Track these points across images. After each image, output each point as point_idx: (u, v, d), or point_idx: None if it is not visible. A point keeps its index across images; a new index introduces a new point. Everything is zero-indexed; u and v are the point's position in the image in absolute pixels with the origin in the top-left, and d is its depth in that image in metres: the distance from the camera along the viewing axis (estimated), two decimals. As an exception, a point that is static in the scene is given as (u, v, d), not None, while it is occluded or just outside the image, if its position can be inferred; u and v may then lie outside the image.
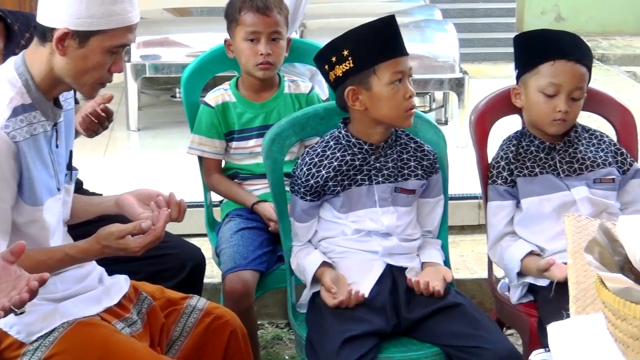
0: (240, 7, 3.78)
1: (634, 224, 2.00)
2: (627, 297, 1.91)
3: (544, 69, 3.43)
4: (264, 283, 3.72)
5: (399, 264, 3.37)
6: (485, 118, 3.67)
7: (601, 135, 3.60)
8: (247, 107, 3.88)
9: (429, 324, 3.25)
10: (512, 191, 3.47)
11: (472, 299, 3.84)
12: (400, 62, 3.27)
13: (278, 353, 4.42)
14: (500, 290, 3.61)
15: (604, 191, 3.49)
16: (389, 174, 3.36)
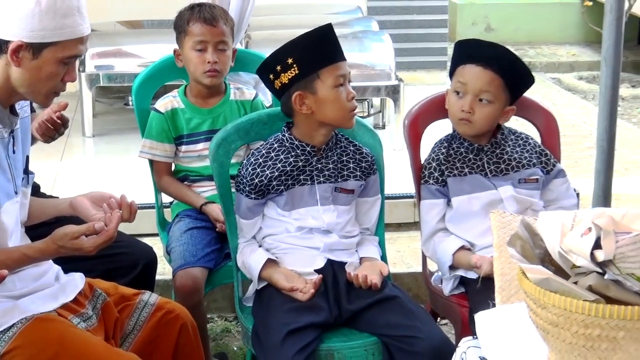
0: (188, 18, 3.80)
1: (553, 219, 2.03)
2: (547, 287, 1.93)
3: (457, 70, 3.48)
4: (213, 279, 3.72)
5: (339, 259, 3.38)
6: (418, 122, 3.69)
7: (526, 137, 3.63)
8: (195, 113, 3.89)
9: (368, 315, 3.27)
10: (443, 190, 3.49)
11: (408, 292, 3.87)
12: (341, 67, 3.30)
13: (227, 344, 4.41)
14: (434, 283, 3.63)
15: (528, 190, 3.52)
16: (329, 175, 3.38)
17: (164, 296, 3.26)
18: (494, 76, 3.42)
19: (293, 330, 3.10)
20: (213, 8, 3.85)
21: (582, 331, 1.91)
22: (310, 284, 3.25)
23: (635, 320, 1.88)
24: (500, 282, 2.37)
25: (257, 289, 3.36)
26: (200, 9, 3.82)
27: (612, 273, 1.90)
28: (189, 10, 3.84)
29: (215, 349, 4.21)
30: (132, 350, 3.02)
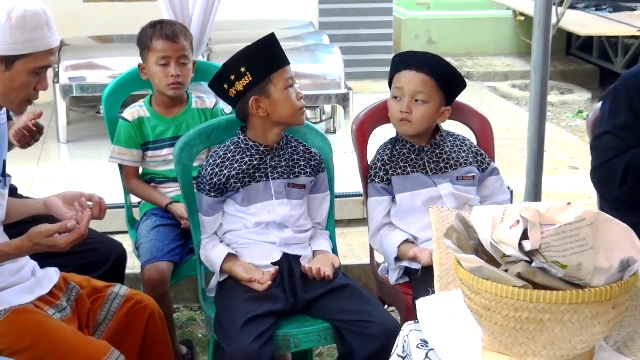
0: (151, 35, 3.80)
1: (485, 213, 2.05)
2: (480, 274, 1.95)
3: (394, 78, 3.51)
4: (178, 272, 3.72)
5: (294, 253, 3.38)
6: (365, 127, 3.70)
7: (463, 139, 3.65)
8: (160, 121, 3.88)
9: (322, 303, 3.28)
10: (388, 188, 3.50)
11: (358, 282, 3.87)
12: (288, 70, 3.33)
13: (192, 332, 4.41)
14: (381, 273, 3.64)
15: (465, 187, 3.53)
16: (282, 171, 3.38)
17: (133, 288, 3.25)
18: (426, 78, 3.45)
19: (252, 318, 3.10)
20: (174, 25, 3.86)
21: (512, 314, 1.94)
22: (267, 275, 3.26)
23: (559, 304, 1.90)
24: (439, 271, 2.38)
25: (219, 281, 3.35)
26: (162, 26, 3.82)
27: (539, 261, 1.93)
28: (151, 28, 3.84)
29: (182, 336, 4.21)
30: (104, 338, 3.01)
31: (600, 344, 2.12)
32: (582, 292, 1.90)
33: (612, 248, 1.94)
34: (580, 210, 1.95)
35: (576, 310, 1.91)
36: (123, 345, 3.00)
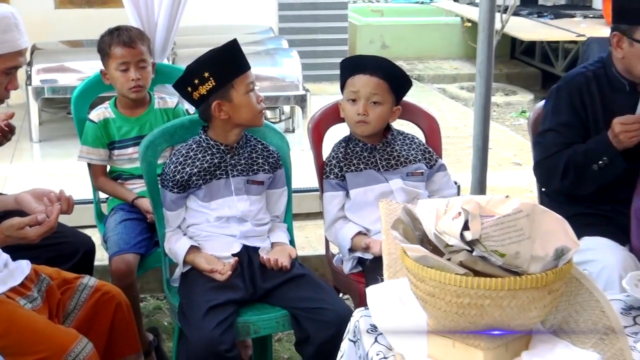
0: (109, 43, 3.78)
1: (429, 205, 2.06)
2: (424, 263, 1.96)
3: (348, 82, 3.50)
4: (144, 264, 3.70)
5: (253, 245, 3.38)
6: (320, 126, 3.71)
7: (412, 137, 3.66)
8: (124, 121, 3.87)
9: (279, 292, 3.29)
10: (342, 184, 3.51)
11: (315, 271, 3.90)
12: (249, 75, 3.32)
13: (158, 320, 4.39)
14: (336, 263, 3.64)
15: (415, 182, 3.54)
16: (242, 169, 3.38)
17: (101, 279, 3.23)
18: (380, 81, 3.46)
19: (213, 306, 3.10)
20: (130, 31, 3.83)
21: (455, 300, 1.95)
22: (227, 266, 3.26)
23: (498, 290, 1.92)
24: (388, 260, 2.40)
25: (182, 272, 3.34)
26: (119, 33, 3.80)
27: (479, 250, 1.94)
28: (109, 35, 3.81)
29: (148, 324, 4.19)
30: (73, 326, 2.99)
31: (537, 326, 2.14)
32: (519, 279, 1.92)
33: (547, 237, 1.96)
34: (517, 202, 1.97)
35: (514, 296, 1.93)
36: (91, 333, 2.98)
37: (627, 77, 3.30)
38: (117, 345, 3.15)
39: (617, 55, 3.30)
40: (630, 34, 3.22)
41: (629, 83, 3.29)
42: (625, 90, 3.28)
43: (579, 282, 2.23)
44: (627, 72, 3.29)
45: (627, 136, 3.13)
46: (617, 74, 3.33)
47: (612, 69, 3.34)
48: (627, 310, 2.53)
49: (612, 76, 3.34)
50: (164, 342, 4.00)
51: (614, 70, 3.34)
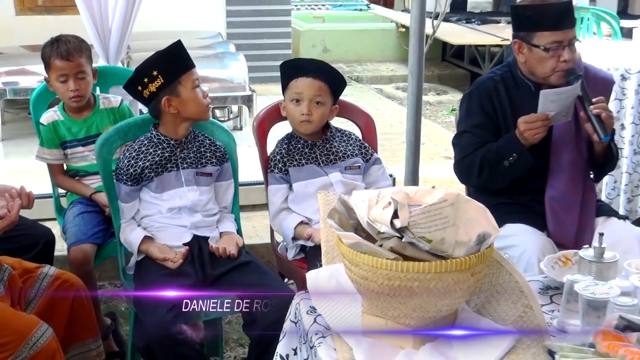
0: (49, 54, 3.71)
1: (362, 196, 2.07)
2: (358, 249, 1.98)
3: (291, 84, 3.50)
4: (101, 253, 3.66)
5: (203, 234, 3.38)
6: (264, 123, 3.70)
7: (350, 134, 3.67)
8: (72, 123, 3.81)
9: (228, 277, 3.28)
10: (285, 177, 3.51)
11: (261, 259, 3.89)
12: (195, 72, 3.33)
13: (116, 306, 4.35)
14: (280, 251, 3.64)
15: (352, 175, 3.56)
16: (191, 162, 3.37)
17: (62, 269, 3.21)
18: (321, 84, 3.47)
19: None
20: (68, 43, 3.71)
21: (386, 283, 1.96)
22: (179, 254, 3.25)
23: (426, 273, 1.94)
24: (325, 247, 2.40)
25: (137, 260, 3.33)
26: (58, 45, 3.70)
27: (408, 237, 1.96)
28: (49, 47, 3.73)
29: (106, 309, 4.15)
30: (34, 313, 2.96)
31: (462, 306, 2.16)
32: (445, 263, 1.94)
33: (470, 224, 1.98)
34: (442, 192, 1.99)
35: (440, 278, 1.95)
36: (52, 319, 2.95)
37: (531, 78, 3.35)
38: (76, 329, 3.13)
39: (520, 59, 3.35)
40: (528, 40, 3.27)
41: (533, 84, 3.34)
42: (530, 91, 3.31)
43: (500, 264, 2.26)
44: (531, 74, 3.34)
45: (531, 133, 3.17)
46: (522, 76, 3.37)
47: (518, 72, 3.38)
48: (544, 290, 2.57)
49: (518, 79, 3.38)
50: (121, 326, 3.97)
51: (519, 73, 3.38)
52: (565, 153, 3.36)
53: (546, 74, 3.27)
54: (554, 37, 3.22)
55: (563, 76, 3.24)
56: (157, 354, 3.07)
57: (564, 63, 3.23)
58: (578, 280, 2.29)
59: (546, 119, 3.17)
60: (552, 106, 3.16)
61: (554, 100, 3.15)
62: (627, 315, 2.14)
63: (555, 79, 3.26)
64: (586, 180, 3.42)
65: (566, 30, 3.24)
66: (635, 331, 2.08)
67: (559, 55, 3.22)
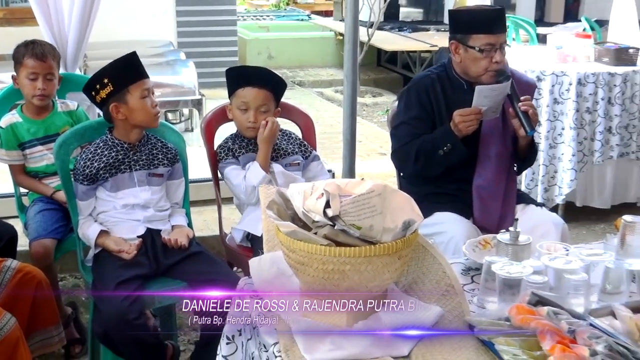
0: (24, 53, 3.68)
1: (298, 188, 2.09)
2: (294, 236, 1.99)
3: (238, 92, 3.50)
4: (62, 247, 3.62)
5: (156, 227, 3.35)
6: (211, 124, 3.70)
7: (290, 133, 3.69)
8: (31, 124, 3.75)
9: (179, 267, 3.27)
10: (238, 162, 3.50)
11: (212, 249, 3.88)
12: (146, 83, 3.29)
13: (77, 296, 4.31)
14: (228, 241, 3.64)
15: (293, 171, 3.56)
16: (143, 164, 3.35)
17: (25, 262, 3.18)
18: (267, 93, 3.49)
19: (122, 281, 3.07)
20: (44, 46, 3.72)
21: (321, 267, 1.98)
22: (133, 246, 3.23)
23: (357, 257, 1.96)
24: (266, 236, 2.41)
25: (95, 253, 3.29)
26: (34, 46, 3.69)
27: (340, 224, 1.98)
28: (24, 47, 3.70)
29: (68, 299, 4.09)
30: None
31: (391, 287, 2.19)
32: (374, 247, 1.96)
33: (396, 212, 2.01)
34: (370, 184, 2.01)
35: (370, 262, 1.97)
36: (15, 309, 2.93)
37: (464, 77, 3.40)
38: (39, 318, 3.10)
39: (456, 59, 3.39)
40: (464, 42, 3.32)
41: (466, 82, 3.39)
42: (463, 89, 3.37)
43: (425, 249, 2.29)
44: (464, 73, 3.39)
45: (464, 125, 3.22)
46: (456, 75, 3.42)
47: (452, 72, 3.43)
48: (466, 271, 2.61)
49: (452, 77, 3.43)
50: (82, 315, 3.92)
51: (454, 72, 3.43)
52: (493, 146, 3.41)
53: (479, 73, 3.32)
54: (487, 40, 3.28)
55: (494, 76, 3.29)
56: (114, 339, 3.06)
57: (496, 64, 3.28)
58: (495, 261, 2.34)
59: (479, 112, 3.23)
60: (485, 101, 3.21)
61: (487, 96, 3.21)
62: (538, 291, 2.19)
63: (487, 79, 3.31)
64: (510, 172, 3.49)
65: (498, 34, 3.30)
66: (546, 305, 2.13)
67: (491, 56, 3.28)
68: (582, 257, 2.45)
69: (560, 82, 5.25)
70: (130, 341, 3.05)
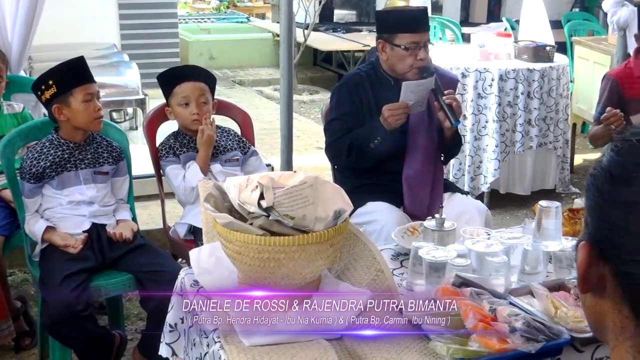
0: None
1: (234, 181, 2.08)
2: (231, 227, 1.98)
3: (176, 90, 3.47)
4: (9, 243, 3.55)
5: (101, 222, 3.31)
6: (153, 123, 3.67)
7: (229, 130, 3.67)
8: None
9: (125, 259, 3.24)
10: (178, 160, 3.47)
11: (157, 242, 3.84)
12: (90, 87, 3.24)
13: (26, 290, 4.21)
14: (172, 234, 3.62)
15: (232, 167, 3.55)
16: (89, 162, 3.30)
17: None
18: (202, 85, 3.48)
19: (69, 274, 3.03)
20: None
21: (257, 256, 1.97)
22: (79, 241, 3.18)
23: (290, 245, 1.96)
24: (205, 228, 2.40)
25: (42, 248, 3.23)
26: None
27: (274, 215, 1.98)
28: None
29: (17, 294, 4.01)
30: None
31: (324, 273, 2.20)
32: (306, 236, 1.97)
33: (327, 202, 2.01)
34: (303, 175, 2.01)
35: (303, 250, 1.97)
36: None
37: (391, 74, 3.42)
38: (-13, 312, 3.04)
39: (383, 57, 3.42)
40: (391, 41, 3.35)
41: (393, 79, 3.41)
42: (391, 85, 3.39)
43: (356, 236, 2.30)
44: (391, 70, 3.42)
45: (393, 119, 3.24)
46: (384, 72, 3.44)
47: (380, 69, 3.45)
48: (395, 257, 2.63)
49: (380, 75, 3.45)
50: (31, 308, 3.85)
51: (381, 70, 3.45)
52: (420, 138, 3.44)
53: (405, 70, 3.35)
54: (412, 39, 3.30)
55: (418, 72, 3.32)
56: (62, 331, 3.02)
57: (420, 61, 3.31)
58: (422, 247, 2.36)
59: (406, 107, 3.24)
60: (411, 96, 3.23)
61: (413, 91, 3.23)
62: (462, 273, 2.22)
63: (412, 75, 3.33)
64: (437, 162, 3.52)
65: (422, 33, 3.34)
66: (469, 286, 2.16)
67: (416, 54, 3.31)
68: (503, 240, 2.49)
69: (484, 78, 5.32)
70: (78, 332, 3.02)
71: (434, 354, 1.92)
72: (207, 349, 2.04)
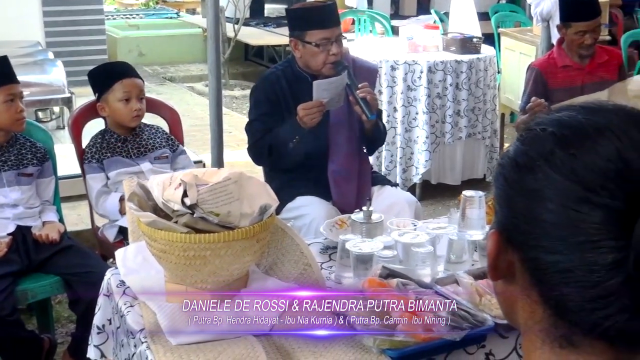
0: None
1: (158, 179, 2.07)
2: (155, 226, 1.97)
3: (116, 86, 3.44)
4: None
5: (26, 224, 3.25)
6: (79, 121, 3.62)
7: (157, 127, 3.65)
8: None
9: (52, 261, 3.20)
10: (101, 166, 3.44)
11: (87, 242, 3.80)
12: (12, 88, 3.22)
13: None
14: (101, 234, 3.58)
15: (162, 164, 3.52)
16: (12, 164, 3.24)
17: None
18: (141, 82, 3.50)
19: None
20: None
21: (183, 254, 1.97)
22: (3, 244, 3.12)
23: (216, 242, 1.96)
24: (131, 227, 2.39)
25: (-35, 253, 3.17)
26: None
27: (199, 212, 1.98)
28: None
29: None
30: None
31: (252, 268, 2.21)
32: (232, 233, 1.97)
33: (252, 198, 2.02)
34: (226, 172, 2.02)
35: (229, 246, 1.98)
36: None
37: (307, 71, 3.44)
38: None
39: (297, 55, 3.43)
40: (302, 38, 3.36)
41: (310, 75, 3.42)
42: (307, 82, 3.38)
43: (283, 231, 2.31)
44: (306, 67, 3.43)
45: (308, 118, 3.24)
46: (299, 69, 3.45)
47: (296, 66, 3.46)
48: (324, 250, 2.65)
49: (296, 72, 3.46)
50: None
51: (297, 67, 3.46)
52: (342, 132, 3.47)
53: (319, 67, 3.36)
54: (322, 35, 3.32)
55: (332, 68, 3.34)
56: (-11, 336, 2.96)
57: (333, 56, 3.33)
58: (349, 239, 2.39)
59: (321, 105, 3.25)
60: (325, 94, 3.25)
61: (326, 89, 3.24)
62: (388, 265, 2.25)
63: (327, 71, 3.35)
64: (361, 154, 3.55)
65: (332, 28, 3.35)
66: (396, 278, 2.19)
67: (328, 50, 3.32)
68: (429, 231, 2.53)
69: (413, 70, 5.38)
70: (5, 337, 2.96)
71: (361, 346, 1.95)
72: (135, 350, 2.03)
